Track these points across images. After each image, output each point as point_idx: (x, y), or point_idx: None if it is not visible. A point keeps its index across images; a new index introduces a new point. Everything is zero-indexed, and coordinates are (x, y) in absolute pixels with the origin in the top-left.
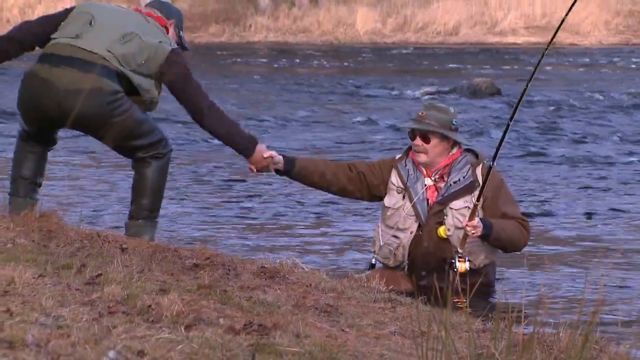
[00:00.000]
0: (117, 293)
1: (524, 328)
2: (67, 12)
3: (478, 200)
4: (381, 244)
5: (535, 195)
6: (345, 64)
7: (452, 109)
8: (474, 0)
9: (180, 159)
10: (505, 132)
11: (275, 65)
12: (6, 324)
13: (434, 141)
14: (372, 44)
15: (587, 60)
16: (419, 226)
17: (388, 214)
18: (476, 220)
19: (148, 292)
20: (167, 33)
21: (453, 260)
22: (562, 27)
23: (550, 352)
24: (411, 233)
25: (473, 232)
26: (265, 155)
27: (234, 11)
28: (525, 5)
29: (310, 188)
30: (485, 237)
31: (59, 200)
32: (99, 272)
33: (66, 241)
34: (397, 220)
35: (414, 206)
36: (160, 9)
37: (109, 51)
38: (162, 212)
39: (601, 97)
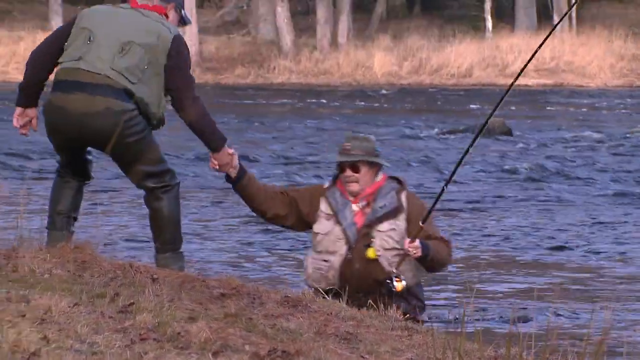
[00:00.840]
0: (148, 321)
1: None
2: (69, 25)
3: (424, 222)
4: (310, 271)
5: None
6: (364, 104)
7: (372, 137)
8: (486, 44)
9: (206, 193)
10: (459, 160)
11: (298, 106)
12: (43, 350)
13: (363, 170)
14: (389, 85)
15: (593, 101)
16: (349, 249)
17: (318, 239)
18: (417, 242)
19: (178, 320)
20: (168, 19)
21: (389, 281)
22: (569, 69)
23: None
24: (341, 256)
25: (415, 252)
26: (229, 152)
27: (259, 54)
28: (534, 50)
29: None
30: (424, 257)
31: (92, 233)
32: (131, 301)
33: (100, 271)
34: (327, 245)
35: (343, 230)
36: None
37: (112, 69)
38: (190, 244)
39: (604, 136)
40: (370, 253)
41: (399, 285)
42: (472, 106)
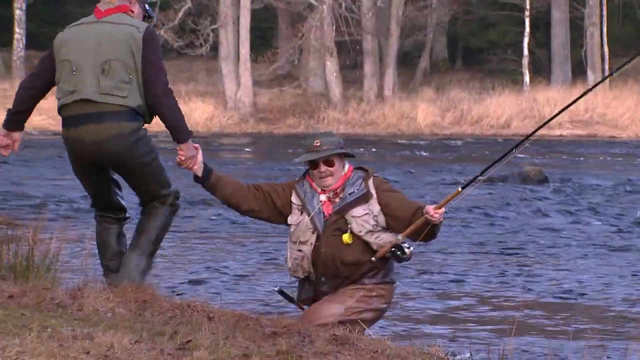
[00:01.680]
0: (204, 357)
1: None
2: (50, 58)
3: (463, 188)
4: (290, 262)
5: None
6: (408, 152)
7: (333, 130)
8: (524, 96)
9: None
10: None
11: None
12: None
13: (336, 163)
14: (432, 135)
15: (626, 151)
16: (317, 238)
17: (291, 230)
18: (443, 209)
19: (232, 357)
20: (134, 13)
21: (399, 250)
22: (602, 121)
23: None
24: (311, 244)
25: (439, 219)
26: (195, 146)
27: (309, 105)
28: (569, 102)
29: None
30: (437, 225)
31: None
32: (189, 338)
33: (159, 310)
34: (299, 235)
35: (311, 220)
36: None
37: (101, 93)
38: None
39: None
40: (346, 238)
41: (408, 251)
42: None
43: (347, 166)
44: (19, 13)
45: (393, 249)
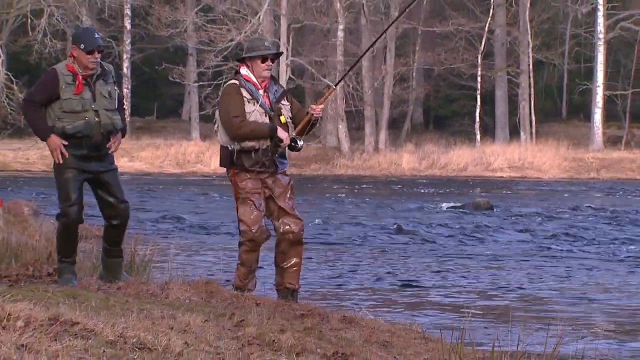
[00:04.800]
0: (253, 332)
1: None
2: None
3: (336, 85)
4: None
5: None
6: (395, 188)
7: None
8: (476, 150)
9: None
10: None
11: (353, 189)
12: (184, 352)
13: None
14: (412, 176)
15: (547, 188)
16: (269, 118)
17: (249, 117)
18: (322, 106)
19: (273, 331)
20: (72, 56)
21: (294, 143)
22: (531, 167)
23: None
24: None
25: (319, 114)
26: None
27: (326, 155)
28: (508, 153)
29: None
30: (317, 120)
31: (216, 272)
32: (242, 318)
33: (222, 299)
34: (256, 116)
35: (261, 106)
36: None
37: None
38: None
39: (554, 211)
40: (283, 119)
41: (300, 143)
42: (467, 190)
43: None
44: (126, 91)
45: (293, 143)
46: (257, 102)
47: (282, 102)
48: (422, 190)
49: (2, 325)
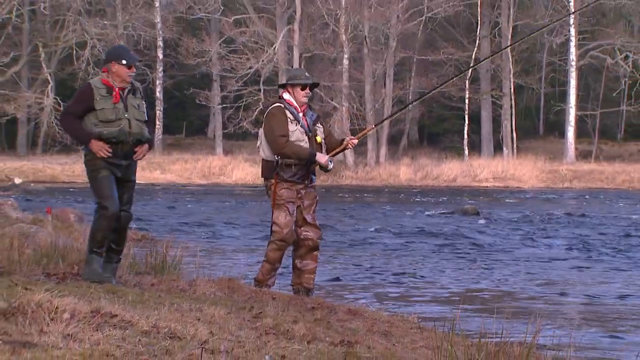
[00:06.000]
0: (270, 323)
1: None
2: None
3: (376, 125)
4: (297, 147)
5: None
6: (395, 196)
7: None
8: (464, 162)
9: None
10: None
11: (358, 197)
12: (210, 340)
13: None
14: (409, 186)
15: (527, 196)
16: (308, 138)
17: (291, 136)
18: (356, 141)
19: (286, 322)
20: (105, 72)
21: (329, 161)
22: (512, 177)
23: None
24: (306, 142)
25: (353, 145)
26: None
27: (333, 167)
28: (492, 166)
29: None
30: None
31: (237, 270)
32: (260, 311)
33: (242, 293)
34: (298, 136)
35: (302, 127)
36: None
37: None
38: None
39: (533, 215)
40: (318, 139)
41: (331, 165)
42: (456, 198)
43: None
44: (158, 112)
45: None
46: (299, 123)
47: (317, 125)
48: (418, 199)
49: (51, 317)
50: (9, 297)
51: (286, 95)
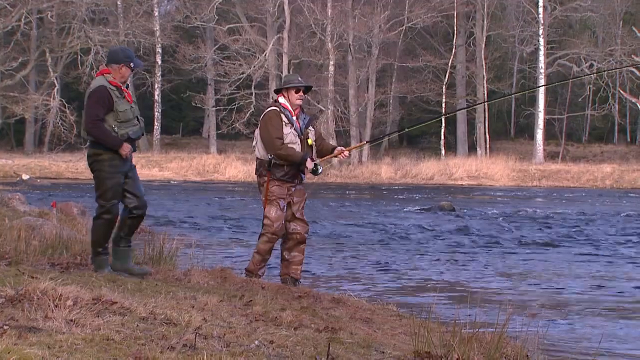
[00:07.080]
0: (259, 310)
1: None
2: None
3: (367, 141)
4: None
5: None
6: (375, 193)
7: None
8: (441, 162)
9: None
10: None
11: (339, 194)
12: (203, 326)
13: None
14: (389, 184)
15: (498, 193)
16: (300, 140)
17: (285, 138)
18: (347, 153)
19: (275, 310)
20: (108, 73)
21: (318, 165)
22: (485, 176)
23: (481, 345)
24: (298, 144)
25: (345, 156)
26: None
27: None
28: (467, 165)
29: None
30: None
31: (229, 261)
32: (251, 299)
33: (234, 283)
34: (291, 138)
35: (295, 129)
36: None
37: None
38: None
39: (505, 211)
40: (310, 142)
41: (320, 169)
42: (433, 195)
43: None
44: (157, 114)
45: (317, 165)
46: (292, 126)
47: (309, 127)
48: (397, 196)
49: (55, 304)
50: (16, 284)
51: (281, 99)
